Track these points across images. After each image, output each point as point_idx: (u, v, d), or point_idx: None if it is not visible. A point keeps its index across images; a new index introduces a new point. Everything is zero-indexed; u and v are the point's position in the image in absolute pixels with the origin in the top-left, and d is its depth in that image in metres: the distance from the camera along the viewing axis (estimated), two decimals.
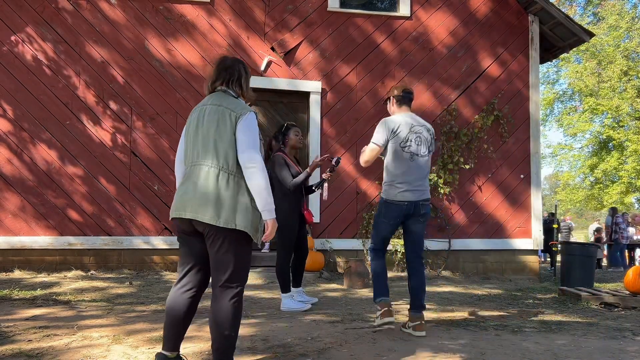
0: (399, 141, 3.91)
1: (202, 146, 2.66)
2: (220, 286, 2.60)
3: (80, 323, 3.96)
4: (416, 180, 3.92)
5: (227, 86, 2.79)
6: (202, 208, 2.56)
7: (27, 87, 7.14)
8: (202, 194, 2.58)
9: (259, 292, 5.82)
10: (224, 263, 2.59)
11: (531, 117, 8.53)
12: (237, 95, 2.80)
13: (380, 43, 8.20)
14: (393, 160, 3.94)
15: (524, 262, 8.38)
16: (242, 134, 2.63)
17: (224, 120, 2.65)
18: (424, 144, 3.99)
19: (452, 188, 8.22)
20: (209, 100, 2.76)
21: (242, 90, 2.83)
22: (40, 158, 7.13)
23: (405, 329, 3.94)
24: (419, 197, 3.91)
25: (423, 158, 3.97)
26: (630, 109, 21.67)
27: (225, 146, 2.62)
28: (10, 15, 7.16)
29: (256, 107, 8.05)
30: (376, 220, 4.05)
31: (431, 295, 6.02)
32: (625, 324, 4.51)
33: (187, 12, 7.65)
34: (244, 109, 2.69)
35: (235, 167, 2.62)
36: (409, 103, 4.14)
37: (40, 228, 7.06)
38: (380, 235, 4.02)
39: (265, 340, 3.58)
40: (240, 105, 2.71)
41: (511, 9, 8.56)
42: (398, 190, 3.89)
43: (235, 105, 2.70)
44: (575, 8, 24.02)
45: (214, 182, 2.59)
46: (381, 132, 3.95)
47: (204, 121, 2.69)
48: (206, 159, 2.64)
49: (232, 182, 2.61)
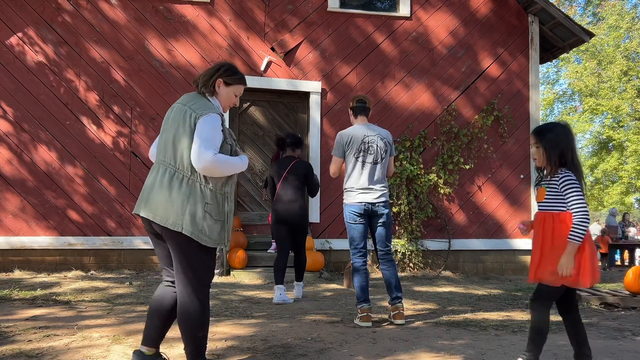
0: (352, 152, 4.31)
1: (164, 145, 2.65)
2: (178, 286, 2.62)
3: (80, 323, 3.96)
4: (371, 184, 4.28)
5: (204, 88, 2.77)
6: (155, 208, 2.56)
7: (27, 88, 7.15)
8: (156, 194, 2.57)
9: (259, 292, 5.82)
10: (177, 264, 2.60)
11: (531, 117, 8.53)
12: (212, 94, 2.76)
13: (380, 43, 8.20)
14: (349, 168, 4.34)
15: (524, 262, 8.38)
16: (196, 135, 2.57)
17: (184, 121, 2.61)
18: (378, 152, 4.33)
19: (452, 188, 8.22)
20: (181, 99, 2.79)
21: (199, 86, 2.78)
22: (40, 158, 7.13)
23: (388, 318, 4.36)
24: (374, 199, 4.27)
25: (376, 165, 4.31)
26: (630, 109, 21.69)
27: (182, 147, 2.59)
28: (10, 15, 7.16)
29: (256, 107, 8.06)
30: (346, 226, 4.39)
31: (431, 295, 6.02)
32: (626, 324, 4.50)
33: (187, 12, 7.65)
34: (206, 110, 2.62)
35: (190, 170, 2.57)
36: (364, 112, 4.47)
37: (41, 228, 7.06)
38: (354, 239, 4.32)
39: (265, 340, 3.58)
40: (206, 107, 2.65)
41: (511, 9, 8.56)
42: (355, 194, 4.28)
43: (200, 106, 2.66)
44: (575, 8, 24.05)
45: (169, 183, 2.57)
46: (337, 146, 4.39)
47: (169, 120, 2.70)
48: (165, 158, 2.63)
49: (185, 185, 2.56)
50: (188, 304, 2.58)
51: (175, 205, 2.53)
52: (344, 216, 4.37)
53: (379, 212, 4.29)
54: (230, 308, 4.78)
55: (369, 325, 4.12)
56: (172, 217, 2.52)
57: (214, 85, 2.76)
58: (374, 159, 4.31)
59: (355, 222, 4.29)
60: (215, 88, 2.77)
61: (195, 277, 2.59)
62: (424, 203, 8.10)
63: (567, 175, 2.73)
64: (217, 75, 2.76)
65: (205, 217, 2.56)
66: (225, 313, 4.52)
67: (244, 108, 8.02)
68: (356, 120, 4.45)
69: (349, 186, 4.32)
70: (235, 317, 4.36)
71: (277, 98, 8.12)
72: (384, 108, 8.08)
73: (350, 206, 4.28)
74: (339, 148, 4.36)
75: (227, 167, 2.61)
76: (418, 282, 7.21)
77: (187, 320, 2.58)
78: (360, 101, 4.46)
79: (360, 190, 4.27)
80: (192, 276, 2.59)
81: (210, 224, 2.58)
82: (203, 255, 2.61)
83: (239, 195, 7.94)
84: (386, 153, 4.37)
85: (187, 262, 2.58)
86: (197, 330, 2.60)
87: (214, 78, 2.76)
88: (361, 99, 4.48)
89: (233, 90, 2.81)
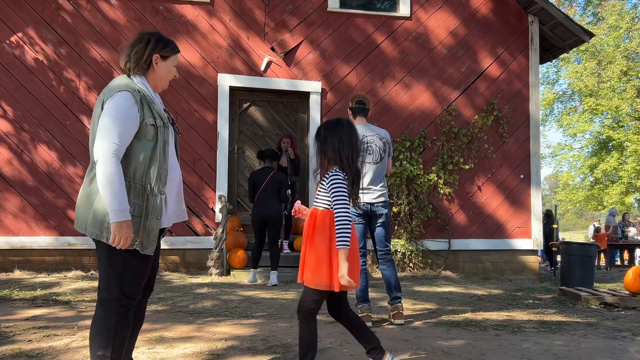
0: None
1: (90, 141, 2.36)
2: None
3: (80, 323, 3.96)
4: (370, 184, 4.30)
5: (137, 68, 2.39)
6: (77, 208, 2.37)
7: (27, 88, 7.15)
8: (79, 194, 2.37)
9: (259, 292, 5.83)
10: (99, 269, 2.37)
11: (531, 117, 8.53)
12: (126, 71, 2.40)
13: (380, 43, 8.20)
14: None
15: (524, 262, 8.39)
16: (100, 121, 2.24)
17: (97, 109, 2.31)
18: (376, 152, 4.38)
19: (452, 188, 8.22)
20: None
21: (129, 65, 2.38)
22: (41, 158, 7.13)
23: (388, 318, 4.36)
24: (373, 199, 4.29)
25: (375, 165, 4.35)
26: (630, 109, 21.69)
27: (92, 139, 2.30)
28: (10, 15, 7.16)
29: (256, 107, 8.07)
30: None
31: (431, 295, 6.02)
32: (625, 324, 4.51)
33: (187, 12, 7.66)
34: (112, 91, 2.27)
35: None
36: (363, 113, 4.51)
37: (41, 228, 7.06)
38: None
39: (265, 340, 3.58)
40: (116, 87, 2.29)
41: (511, 9, 8.56)
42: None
43: (109, 88, 2.32)
44: (575, 8, 24.04)
45: (85, 182, 2.35)
46: None
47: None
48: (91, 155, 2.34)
49: (94, 182, 2.27)
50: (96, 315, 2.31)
51: (82, 205, 2.31)
52: None
53: (378, 212, 4.30)
54: (230, 308, 4.78)
55: (368, 325, 4.13)
56: (80, 218, 2.31)
57: (150, 63, 2.40)
58: (374, 159, 4.33)
59: (354, 223, 4.29)
60: (153, 66, 2.41)
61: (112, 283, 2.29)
62: (423, 203, 8.10)
63: (335, 175, 2.65)
64: (152, 50, 2.39)
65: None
66: (225, 313, 4.53)
67: (244, 108, 8.03)
68: (355, 121, 4.45)
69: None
70: (235, 317, 4.36)
71: (277, 98, 8.12)
72: (384, 108, 8.08)
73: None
74: None
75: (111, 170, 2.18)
76: (418, 282, 7.22)
77: (90, 333, 2.31)
78: (359, 102, 4.49)
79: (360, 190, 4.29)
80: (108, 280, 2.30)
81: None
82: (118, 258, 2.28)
83: (238, 195, 7.94)
84: (385, 153, 4.39)
85: (102, 264, 2.32)
86: (97, 347, 2.27)
87: (147, 54, 2.38)
88: (360, 100, 4.51)
89: (171, 63, 2.47)
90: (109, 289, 2.29)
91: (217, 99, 7.67)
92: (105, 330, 2.26)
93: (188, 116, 7.55)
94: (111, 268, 2.29)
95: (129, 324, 2.34)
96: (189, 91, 7.58)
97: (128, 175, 2.27)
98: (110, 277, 2.29)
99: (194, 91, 7.60)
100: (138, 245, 2.29)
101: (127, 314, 2.31)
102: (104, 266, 2.31)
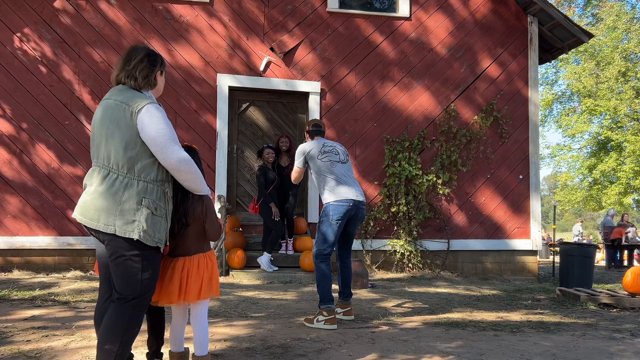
0: (316, 156, 4.46)
1: (97, 145, 2.48)
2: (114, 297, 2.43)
3: (79, 323, 3.96)
4: (348, 179, 4.43)
5: (127, 78, 2.55)
6: (88, 212, 2.41)
7: (27, 87, 7.14)
8: (92, 198, 2.42)
9: (258, 292, 5.82)
10: (113, 272, 2.44)
11: (530, 117, 8.54)
12: (135, 87, 2.55)
13: (380, 44, 8.20)
14: (320, 172, 4.44)
15: (522, 262, 8.39)
16: (150, 130, 2.40)
17: (118, 116, 2.44)
18: (341, 153, 4.54)
19: (451, 188, 8.22)
20: (108, 94, 2.57)
21: (138, 82, 2.55)
22: (40, 159, 7.12)
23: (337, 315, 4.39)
24: (358, 196, 4.38)
25: (344, 164, 4.50)
26: (629, 110, 21.71)
27: (116, 144, 2.41)
28: (9, 15, 7.15)
29: (255, 108, 8.06)
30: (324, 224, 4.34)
31: (430, 295, 6.03)
32: (624, 325, 4.52)
33: (186, 12, 7.65)
34: (140, 102, 2.44)
35: (125, 168, 2.41)
36: (320, 134, 4.69)
37: (40, 228, 7.06)
38: (329, 239, 4.33)
39: (264, 340, 3.58)
40: (138, 98, 2.47)
41: (510, 10, 8.57)
42: (342, 190, 4.34)
43: (130, 98, 2.47)
44: (574, 9, 24.06)
45: (101, 184, 2.42)
46: (299, 157, 4.56)
47: (99, 117, 2.51)
48: (99, 159, 2.47)
49: (119, 184, 2.40)
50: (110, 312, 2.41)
51: (107, 206, 2.38)
52: (325, 216, 4.35)
53: (361, 214, 4.46)
54: (229, 308, 4.78)
55: (335, 328, 4.07)
56: (103, 218, 2.37)
57: (156, 80, 2.63)
58: (341, 159, 4.50)
59: (337, 223, 4.34)
60: (158, 82, 2.65)
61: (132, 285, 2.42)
62: (422, 203, 8.10)
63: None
64: (157, 69, 2.62)
65: (143, 215, 2.39)
66: (224, 313, 4.53)
67: (243, 108, 8.02)
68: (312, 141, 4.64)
69: (330, 187, 4.40)
70: (234, 318, 4.36)
71: (276, 98, 8.12)
72: (383, 108, 8.09)
73: (338, 205, 4.33)
74: (300, 158, 4.52)
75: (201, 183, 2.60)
76: (417, 282, 7.22)
77: (102, 327, 2.41)
78: (315, 125, 4.71)
79: (345, 185, 4.40)
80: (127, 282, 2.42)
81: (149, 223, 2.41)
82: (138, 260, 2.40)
83: (237, 196, 7.94)
84: (347, 157, 4.59)
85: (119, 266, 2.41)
86: (104, 341, 2.38)
87: (155, 73, 2.60)
88: (317, 124, 4.73)
89: (164, 76, 2.72)
90: (132, 291, 2.41)
91: (217, 99, 7.67)
92: (115, 326, 2.37)
93: (187, 116, 7.55)
94: (130, 271, 2.40)
95: (139, 322, 2.46)
96: (188, 91, 7.58)
97: (156, 179, 2.48)
98: (131, 279, 2.41)
99: (193, 91, 7.60)
100: (161, 243, 2.48)
101: (140, 312, 2.45)
102: (122, 269, 2.41)
